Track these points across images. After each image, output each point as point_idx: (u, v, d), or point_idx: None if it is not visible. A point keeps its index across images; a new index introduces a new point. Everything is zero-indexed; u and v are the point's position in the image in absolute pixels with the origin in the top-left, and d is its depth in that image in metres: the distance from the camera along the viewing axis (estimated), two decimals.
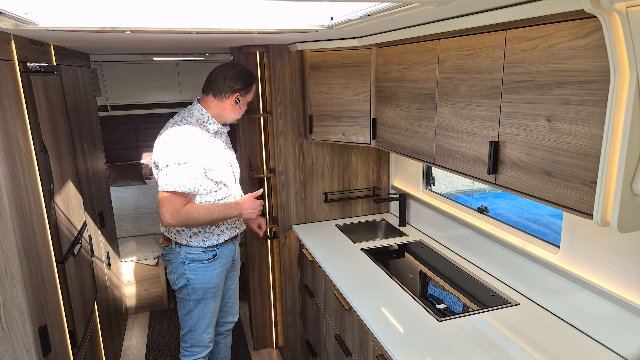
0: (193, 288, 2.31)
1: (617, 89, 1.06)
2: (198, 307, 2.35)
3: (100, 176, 3.30)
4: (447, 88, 1.80)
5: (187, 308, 2.36)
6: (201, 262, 2.29)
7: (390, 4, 1.31)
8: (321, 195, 3.05)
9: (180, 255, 2.28)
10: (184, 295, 2.35)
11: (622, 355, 1.56)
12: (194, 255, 2.27)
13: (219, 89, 2.21)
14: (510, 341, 1.70)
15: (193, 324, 2.37)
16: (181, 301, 2.38)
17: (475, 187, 5.96)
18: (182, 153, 2.07)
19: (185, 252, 2.27)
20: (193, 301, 2.33)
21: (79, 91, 2.79)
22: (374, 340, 1.83)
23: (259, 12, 1.69)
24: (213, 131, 2.23)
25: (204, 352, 2.44)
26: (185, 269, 2.28)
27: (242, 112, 2.31)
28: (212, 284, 2.33)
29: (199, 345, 2.41)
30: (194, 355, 2.43)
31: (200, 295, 2.33)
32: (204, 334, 2.40)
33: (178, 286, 2.34)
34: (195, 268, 2.29)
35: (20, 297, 1.42)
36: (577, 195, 1.26)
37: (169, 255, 2.33)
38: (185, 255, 2.27)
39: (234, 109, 2.26)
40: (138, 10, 1.53)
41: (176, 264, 2.30)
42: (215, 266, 2.33)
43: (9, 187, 1.39)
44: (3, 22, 1.34)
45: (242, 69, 2.25)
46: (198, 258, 2.28)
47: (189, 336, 2.40)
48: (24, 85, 1.65)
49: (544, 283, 1.88)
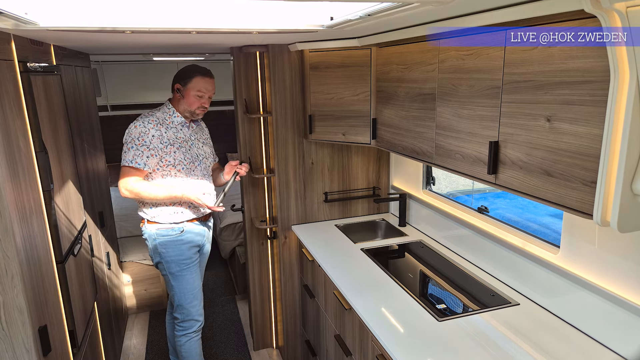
0: (166, 262, 2.58)
1: (617, 89, 1.06)
2: (177, 280, 2.61)
3: (100, 176, 3.31)
4: (447, 88, 1.80)
5: (168, 283, 2.64)
6: (170, 237, 2.55)
7: (390, 4, 1.31)
8: (321, 195, 3.05)
9: (153, 232, 2.56)
10: (161, 270, 2.64)
11: (622, 355, 1.56)
12: (162, 231, 2.55)
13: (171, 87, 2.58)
14: (510, 341, 1.70)
15: (179, 299, 2.64)
16: (164, 277, 2.67)
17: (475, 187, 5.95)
18: (139, 135, 2.41)
19: (156, 229, 2.55)
20: (170, 275, 2.60)
21: (79, 91, 2.79)
22: (374, 340, 1.83)
23: (259, 12, 1.70)
24: (177, 123, 2.55)
25: (195, 325, 2.70)
26: (157, 244, 2.56)
27: (189, 103, 2.52)
28: (184, 256, 2.59)
29: (189, 319, 2.68)
30: (185, 330, 2.70)
31: (174, 268, 2.59)
32: (191, 308, 2.66)
33: (155, 261, 2.63)
34: (165, 242, 2.56)
35: (20, 297, 1.42)
36: (577, 195, 1.26)
37: (144, 234, 2.60)
38: (157, 232, 2.55)
39: (178, 98, 2.54)
40: (138, 10, 1.53)
41: (150, 241, 2.58)
42: (183, 241, 2.58)
43: (9, 187, 1.39)
44: (3, 22, 1.34)
45: (186, 66, 2.57)
46: (166, 234, 2.55)
47: (179, 311, 2.67)
48: (24, 85, 1.65)
49: (544, 283, 1.88)
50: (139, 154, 2.42)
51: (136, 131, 2.43)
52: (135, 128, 2.44)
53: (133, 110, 5.35)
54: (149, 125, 2.45)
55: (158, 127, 2.47)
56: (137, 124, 2.45)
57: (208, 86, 2.53)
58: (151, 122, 2.47)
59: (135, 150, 2.42)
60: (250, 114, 2.90)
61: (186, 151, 2.55)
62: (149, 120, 2.48)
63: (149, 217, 2.55)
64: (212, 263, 4.91)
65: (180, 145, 2.53)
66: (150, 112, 2.54)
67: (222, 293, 4.34)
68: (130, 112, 5.39)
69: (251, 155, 3.03)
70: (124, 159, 2.44)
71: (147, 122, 2.46)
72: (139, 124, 2.45)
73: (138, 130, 2.43)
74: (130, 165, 2.42)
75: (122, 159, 2.45)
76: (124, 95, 5.39)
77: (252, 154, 3.03)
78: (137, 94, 5.38)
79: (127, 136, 2.46)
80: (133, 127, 2.45)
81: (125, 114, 5.50)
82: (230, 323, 3.81)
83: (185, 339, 2.71)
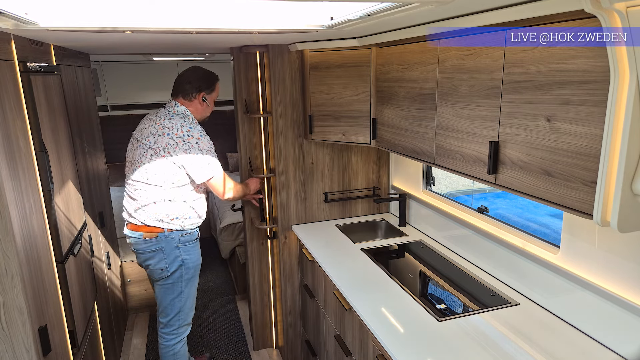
0: (187, 268, 2.57)
1: (617, 89, 1.06)
2: (189, 285, 2.61)
3: (100, 176, 3.31)
4: (447, 88, 1.80)
5: (177, 290, 2.58)
6: (192, 242, 2.58)
7: (390, 4, 1.31)
8: (321, 195, 3.05)
9: (175, 240, 2.51)
10: (175, 279, 2.56)
11: (622, 355, 1.56)
12: (186, 237, 2.55)
13: (187, 91, 2.52)
14: (510, 341, 1.70)
15: (182, 305, 2.61)
16: (171, 286, 2.58)
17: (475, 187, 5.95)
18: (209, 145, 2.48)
19: (179, 236, 2.52)
20: (185, 281, 2.58)
21: (79, 91, 2.79)
22: (374, 340, 1.83)
23: (259, 12, 1.70)
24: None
25: (189, 329, 2.72)
26: (180, 252, 2.53)
27: (210, 110, 2.62)
28: (200, 261, 2.66)
29: (185, 325, 2.68)
30: (179, 335, 2.68)
31: (192, 273, 2.60)
32: (190, 312, 2.68)
33: (171, 271, 2.54)
34: (188, 249, 2.56)
35: (20, 297, 1.42)
36: (577, 195, 1.26)
37: (158, 244, 2.50)
38: (180, 239, 2.52)
39: (203, 108, 2.57)
40: (138, 10, 1.53)
41: (169, 250, 2.51)
42: (198, 244, 2.66)
43: (9, 187, 1.39)
44: (3, 22, 1.34)
45: (204, 71, 2.58)
46: (189, 239, 2.56)
47: (176, 318, 2.63)
48: (24, 85, 1.65)
49: (544, 283, 1.88)
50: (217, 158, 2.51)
51: (205, 140, 2.46)
52: (200, 140, 2.43)
53: (133, 110, 5.35)
54: (203, 132, 2.49)
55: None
56: (199, 136, 2.43)
57: None
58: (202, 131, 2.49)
59: (214, 155, 2.49)
60: (250, 114, 2.91)
61: None
62: (200, 128, 2.49)
63: (176, 225, 2.50)
64: (212, 263, 4.92)
65: None
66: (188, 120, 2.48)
67: (222, 293, 4.34)
68: (130, 112, 5.39)
69: (251, 155, 3.03)
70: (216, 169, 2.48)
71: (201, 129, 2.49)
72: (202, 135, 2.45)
73: (204, 139, 2.45)
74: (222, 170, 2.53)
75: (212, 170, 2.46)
76: (124, 95, 5.38)
77: (252, 154, 3.03)
78: (137, 94, 5.38)
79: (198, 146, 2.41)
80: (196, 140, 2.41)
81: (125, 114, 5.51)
82: (230, 323, 3.81)
83: (180, 345, 2.69)
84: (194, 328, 3.70)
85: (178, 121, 2.45)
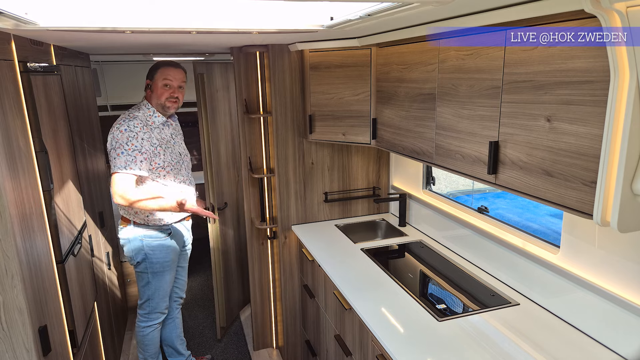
0: (151, 262, 2.61)
1: (617, 89, 1.06)
2: (156, 278, 2.67)
3: (100, 176, 3.30)
4: (447, 88, 1.80)
5: (145, 280, 2.67)
6: (158, 238, 2.60)
7: (390, 4, 1.31)
8: (321, 195, 3.05)
9: (139, 233, 2.56)
10: (142, 269, 2.65)
11: (622, 355, 1.56)
12: (151, 233, 2.58)
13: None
14: (510, 341, 1.70)
15: (151, 294, 2.70)
16: (139, 275, 2.69)
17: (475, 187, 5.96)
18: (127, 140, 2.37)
19: (143, 230, 2.56)
20: (151, 274, 2.65)
21: (79, 91, 2.79)
22: (374, 340, 1.83)
23: (259, 12, 1.70)
24: (159, 122, 2.54)
25: (160, 317, 2.80)
26: (143, 245, 2.58)
27: (160, 95, 2.52)
28: (169, 259, 2.67)
29: (155, 312, 2.76)
30: (151, 320, 2.78)
31: (157, 268, 2.64)
32: (160, 302, 2.75)
33: (136, 261, 2.63)
34: (152, 245, 2.59)
35: (20, 297, 1.42)
36: (577, 195, 1.26)
37: (127, 235, 2.58)
38: (143, 234, 2.56)
39: (152, 95, 2.55)
40: (138, 10, 1.53)
41: (135, 242, 2.57)
42: (170, 243, 2.65)
43: (9, 187, 1.39)
44: (3, 22, 1.34)
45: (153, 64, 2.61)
46: (155, 236, 2.59)
47: (147, 304, 2.73)
48: (24, 85, 1.65)
49: (544, 283, 1.88)
50: (132, 160, 2.36)
51: (123, 136, 2.36)
52: (122, 133, 2.36)
53: None
54: (136, 128, 2.40)
55: (144, 129, 2.43)
56: (122, 128, 2.37)
57: (175, 74, 2.53)
58: (137, 125, 2.41)
59: (127, 155, 2.35)
60: (250, 114, 2.91)
61: (171, 151, 2.58)
62: (134, 123, 2.41)
63: (140, 219, 2.55)
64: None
65: (166, 146, 2.54)
66: (130, 114, 2.47)
67: None
68: None
69: (251, 155, 3.03)
70: (116, 165, 2.35)
71: (133, 125, 2.40)
72: (124, 127, 2.38)
73: (125, 135, 2.36)
74: (123, 171, 2.35)
75: (113, 166, 2.37)
76: (124, 95, 5.37)
77: (252, 154, 3.03)
78: (137, 94, 5.34)
79: (113, 142, 2.37)
80: (118, 132, 2.37)
81: None
82: (230, 323, 3.80)
83: (149, 330, 2.78)
84: (194, 328, 3.70)
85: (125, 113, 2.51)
